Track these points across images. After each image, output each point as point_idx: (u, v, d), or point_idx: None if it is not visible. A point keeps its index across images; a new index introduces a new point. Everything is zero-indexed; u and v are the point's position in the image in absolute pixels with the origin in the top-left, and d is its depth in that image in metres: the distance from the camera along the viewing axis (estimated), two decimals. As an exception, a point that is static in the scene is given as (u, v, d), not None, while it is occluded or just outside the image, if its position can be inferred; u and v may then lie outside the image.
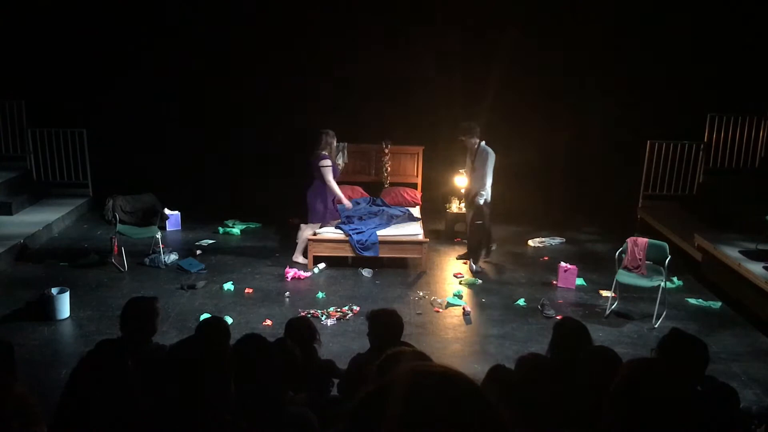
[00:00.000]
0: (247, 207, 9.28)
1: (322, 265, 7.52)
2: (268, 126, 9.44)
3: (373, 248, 7.43)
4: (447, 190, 9.17)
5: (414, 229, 7.82)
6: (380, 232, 7.60)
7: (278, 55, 9.33)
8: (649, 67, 9.22)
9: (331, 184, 7.54)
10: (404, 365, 1.22)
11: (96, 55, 9.28)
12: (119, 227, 7.61)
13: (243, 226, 8.90)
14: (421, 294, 6.92)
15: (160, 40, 9.30)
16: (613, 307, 6.57)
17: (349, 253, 7.51)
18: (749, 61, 9.00)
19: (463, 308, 6.59)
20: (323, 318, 6.18)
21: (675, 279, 7.29)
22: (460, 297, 6.85)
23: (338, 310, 6.38)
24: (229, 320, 5.87)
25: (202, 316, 5.78)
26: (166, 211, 8.72)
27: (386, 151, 9.28)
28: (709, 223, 8.00)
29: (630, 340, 6.03)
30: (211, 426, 2.08)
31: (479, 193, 7.53)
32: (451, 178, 8.83)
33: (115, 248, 7.37)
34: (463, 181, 8.23)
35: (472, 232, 7.76)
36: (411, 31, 9.22)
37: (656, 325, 6.26)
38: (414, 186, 9.36)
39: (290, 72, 9.35)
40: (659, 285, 6.29)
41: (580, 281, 7.27)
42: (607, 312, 6.52)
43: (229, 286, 6.90)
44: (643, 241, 6.52)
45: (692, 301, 6.92)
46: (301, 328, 4.13)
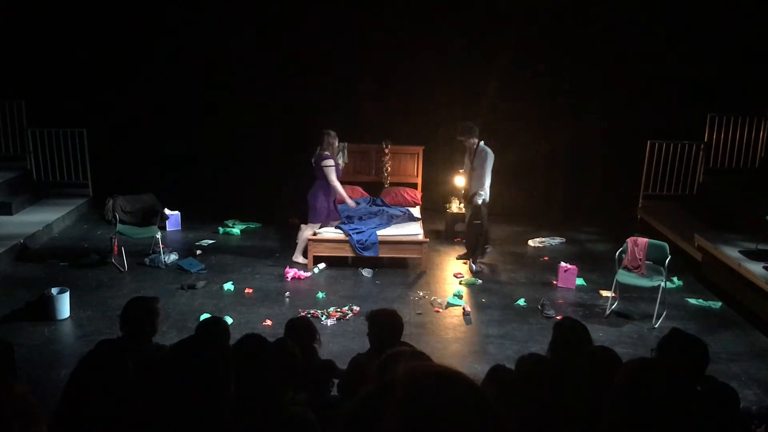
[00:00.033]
0: (247, 207, 9.29)
1: (322, 265, 7.52)
2: (268, 126, 9.44)
3: (373, 248, 7.43)
4: (447, 190, 9.18)
5: (414, 229, 7.82)
6: (380, 232, 7.61)
7: (278, 55, 9.33)
8: (649, 67, 9.22)
9: (335, 183, 7.55)
10: (404, 365, 1.22)
11: (96, 55, 9.27)
12: (119, 227, 7.61)
13: (243, 226, 8.90)
14: (421, 294, 6.92)
15: (160, 39, 9.30)
16: (613, 307, 6.57)
17: (349, 253, 7.51)
18: (749, 61, 9.00)
19: (463, 308, 6.59)
20: (323, 318, 6.18)
21: (675, 279, 7.29)
22: (460, 297, 6.85)
23: (338, 310, 6.38)
24: (229, 320, 5.87)
25: (202, 316, 5.78)
26: (166, 211, 8.72)
27: (386, 151, 9.28)
28: (709, 223, 8.00)
29: (630, 340, 6.03)
30: (211, 426, 2.08)
31: (477, 192, 7.53)
32: (451, 178, 8.84)
33: (115, 248, 7.37)
34: (462, 181, 8.24)
35: (470, 231, 7.77)
36: (411, 31, 9.21)
37: (656, 325, 6.26)
38: (414, 186, 9.36)
39: (290, 72, 9.35)
40: (659, 285, 6.29)
41: (580, 281, 7.28)
42: (607, 312, 6.52)
43: (229, 286, 6.90)
44: (643, 241, 6.52)
45: (692, 301, 6.92)
46: (301, 328, 4.13)
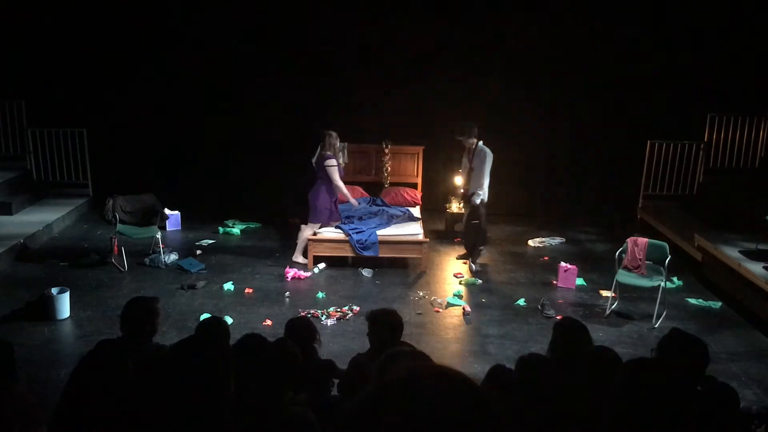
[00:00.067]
0: (247, 207, 9.29)
1: (322, 265, 7.52)
2: (268, 126, 9.44)
3: (373, 248, 7.43)
4: (447, 190, 9.18)
5: (414, 229, 7.82)
6: (380, 231, 7.61)
7: (278, 55, 9.33)
8: (649, 67, 9.22)
9: (339, 183, 7.57)
10: (404, 365, 1.22)
11: (96, 55, 9.27)
12: (119, 227, 7.61)
13: (243, 226, 8.90)
14: (421, 294, 6.92)
15: (160, 39, 9.30)
16: (613, 307, 6.57)
17: (349, 253, 7.51)
18: (749, 61, 9.00)
19: (463, 308, 6.59)
20: (323, 318, 6.18)
21: (675, 279, 7.29)
22: (460, 297, 6.85)
23: (338, 310, 6.38)
24: (229, 320, 5.88)
25: (202, 316, 5.78)
26: (166, 211, 8.72)
27: (386, 151, 9.28)
28: (709, 223, 8.00)
29: (630, 340, 6.03)
30: (211, 426, 2.08)
31: (476, 192, 7.53)
32: (451, 178, 8.83)
33: (115, 248, 7.37)
34: (460, 180, 8.22)
35: (469, 231, 7.76)
36: (411, 31, 9.21)
37: (656, 325, 6.26)
38: (414, 186, 9.36)
39: (290, 72, 9.35)
40: (659, 285, 6.29)
41: (580, 281, 7.28)
42: (607, 312, 6.52)
43: (229, 286, 6.90)
44: (643, 241, 6.52)
45: (692, 301, 6.92)
46: (301, 328, 4.13)
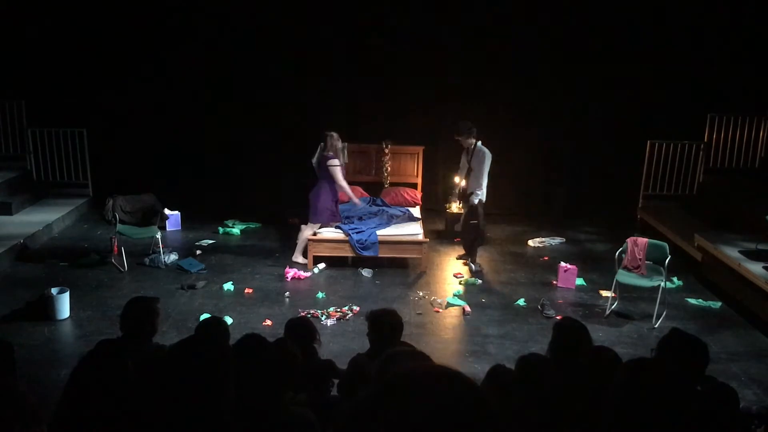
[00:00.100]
0: (247, 207, 9.29)
1: (322, 265, 7.52)
2: (268, 126, 9.44)
3: (373, 248, 7.43)
4: (447, 190, 9.17)
5: (414, 229, 7.82)
6: (380, 231, 7.61)
7: (278, 55, 9.33)
8: (649, 67, 9.22)
9: (342, 183, 7.59)
10: (404, 365, 1.22)
11: (96, 55, 9.27)
12: (119, 227, 7.61)
13: (243, 226, 8.90)
14: (421, 294, 6.92)
15: (160, 39, 9.30)
16: (613, 307, 6.57)
17: (349, 253, 7.51)
18: (749, 61, 9.00)
19: (463, 308, 6.59)
20: (323, 318, 6.18)
21: (675, 279, 7.29)
22: (460, 297, 6.85)
23: (338, 310, 6.37)
24: (229, 320, 5.88)
25: (202, 316, 5.78)
26: (166, 211, 8.72)
27: (386, 151, 9.28)
28: (709, 223, 8.00)
29: (630, 340, 6.03)
30: (211, 426, 2.08)
31: (474, 192, 7.52)
32: (451, 178, 8.82)
33: (115, 248, 7.37)
34: (461, 180, 8.19)
35: (467, 231, 7.75)
36: (411, 31, 9.21)
37: (656, 325, 6.26)
38: (414, 186, 9.36)
39: (290, 72, 9.34)
40: (659, 285, 6.29)
41: (580, 281, 7.28)
42: (607, 312, 6.52)
43: (229, 286, 6.90)
44: (643, 241, 6.51)
45: (692, 301, 6.92)
46: (301, 328, 4.12)
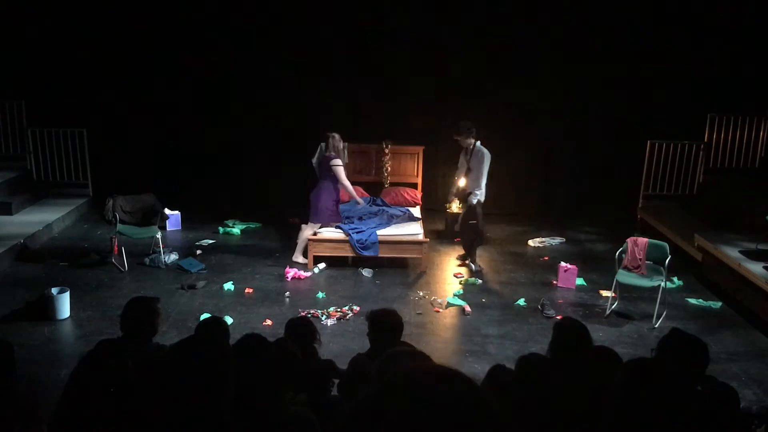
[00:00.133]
0: (247, 207, 9.29)
1: (322, 265, 7.52)
2: (268, 126, 9.44)
3: (373, 248, 7.43)
4: (447, 190, 9.15)
5: (414, 229, 7.82)
6: (380, 231, 7.61)
7: (278, 55, 9.33)
8: (649, 67, 9.21)
9: (346, 182, 7.63)
10: (404, 365, 1.22)
11: (96, 55, 9.27)
12: (119, 227, 7.61)
13: (243, 226, 8.90)
14: (421, 294, 6.92)
15: (160, 39, 9.29)
16: (613, 307, 6.57)
17: (349, 253, 7.51)
18: (749, 61, 9.00)
19: (463, 308, 6.59)
20: (323, 318, 6.18)
21: (675, 279, 7.29)
22: (460, 297, 6.85)
23: (338, 310, 6.37)
24: (229, 320, 5.88)
25: (202, 316, 5.78)
26: (166, 211, 8.71)
27: (386, 151, 9.28)
28: (709, 223, 8.00)
29: (630, 340, 6.03)
30: (211, 426, 2.08)
31: (473, 192, 7.51)
32: (452, 178, 8.81)
33: (115, 248, 7.37)
34: (459, 180, 8.17)
35: (466, 231, 7.74)
36: (411, 31, 9.21)
37: (656, 325, 6.26)
38: (414, 186, 9.36)
39: (290, 72, 9.34)
40: (659, 285, 6.29)
41: (580, 281, 7.28)
42: (607, 312, 6.52)
43: (229, 286, 6.90)
44: (643, 241, 6.51)
45: (692, 301, 6.92)
46: (301, 328, 4.12)
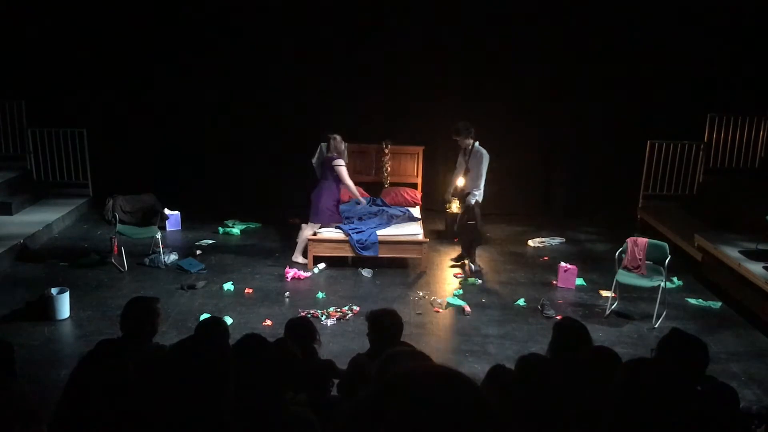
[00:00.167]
0: (247, 207, 9.29)
1: (322, 265, 7.52)
2: (268, 126, 9.44)
3: (373, 248, 7.42)
4: (446, 189, 9.15)
5: (414, 229, 7.82)
6: (380, 231, 7.61)
7: (279, 55, 9.33)
8: (649, 67, 9.21)
9: (349, 182, 7.64)
10: (404, 365, 1.22)
11: (96, 55, 9.27)
12: (119, 227, 7.61)
13: (243, 226, 8.90)
14: (421, 294, 6.92)
15: (160, 39, 9.29)
16: (613, 307, 6.57)
17: (349, 253, 7.51)
18: (749, 61, 9.00)
19: (463, 308, 6.59)
20: (323, 318, 6.18)
21: (675, 279, 7.29)
22: (460, 297, 6.85)
23: (338, 310, 6.37)
24: (229, 320, 5.88)
25: (202, 316, 5.78)
26: (166, 211, 8.71)
27: (386, 151, 9.27)
28: (709, 223, 8.00)
29: (630, 340, 6.03)
30: (211, 426, 2.08)
31: (471, 192, 7.51)
32: (451, 178, 8.80)
33: (115, 248, 7.37)
34: (459, 180, 8.14)
35: (465, 232, 7.73)
36: (411, 31, 9.21)
37: (656, 325, 6.26)
38: (414, 186, 9.35)
39: (290, 72, 9.34)
40: (659, 285, 6.29)
41: (580, 281, 7.27)
42: (607, 312, 6.52)
43: (229, 286, 6.90)
44: (643, 241, 6.51)
45: (692, 301, 6.92)
46: (301, 328, 4.12)
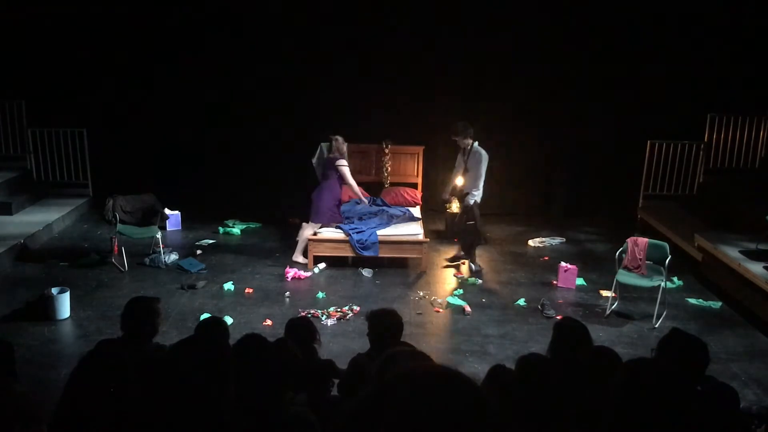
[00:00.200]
0: (247, 207, 9.29)
1: (322, 265, 7.52)
2: (268, 126, 9.44)
3: (373, 248, 7.43)
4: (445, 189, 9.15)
5: (414, 229, 7.82)
6: (380, 231, 7.61)
7: (278, 55, 9.33)
8: (649, 67, 9.21)
9: (352, 182, 7.69)
10: (404, 365, 1.22)
11: (96, 55, 9.27)
12: (119, 227, 7.61)
13: (243, 226, 8.90)
14: (421, 294, 6.92)
15: (160, 40, 9.30)
16: (613, 307, 6.57)
17: (349, 253, 7.51)
18: (749, 61, 9.00)
19: (463, 308, 6.60)
20: (323, 318, 6.18)
21: (675, 279, 7.29)
22: (460, 297, 6.85)
23: (338, 310, 6.38)
24: (229, 320, 5.88)
25: (202, 316, 5.78)
26: (166, 211, 8.72)
27: (386, 151, 9.28)
28: (709, 223, 8.00)
29: (630, 340, 6.03)
30: (211, 426, 2.08)
31: (470, 193, 7.50)
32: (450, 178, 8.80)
33: (115, 248, 7.37)
34: (458, 180, 8.13)
35: (465, 232, 7.72)
36: (411, 31, 9.21)
37: (656, 325, 6.26)
38: (414, 186, 9.35)
39: (290, 72, 9.35)
40: (659, 285, 6.29)
41: (580, 281, 7.28)
42: (607, 312, 6.52)
43: (229, 286, 6.90)
44: (643, 241, 6.51)
45: (692, 301, 6.92)
46: (301, 328, 4.12)
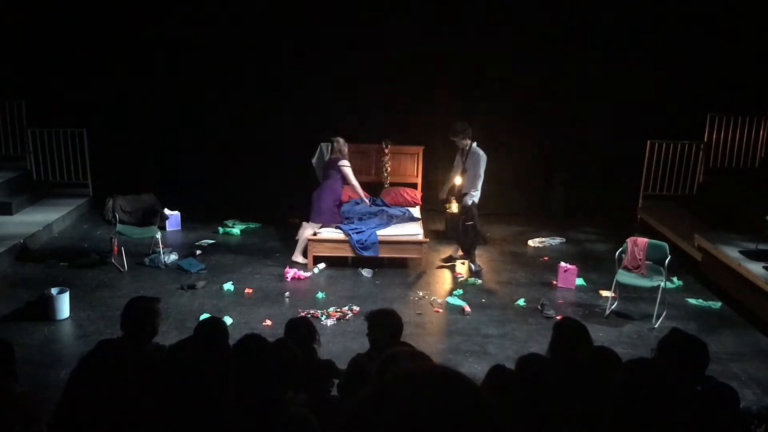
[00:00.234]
0: (247, 207, 9.29)
1: (322, 265, 7.52)
2: (268, 126, 9.44)
3: (373, 248, 7.42)
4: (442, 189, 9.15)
5: (414, 229, 7.82)
6: (380, 232, 7.60)
7: (278, 55, 9.33)
8: (649, 67, 9.21)
9: (354, 182, 7.72)
10: (404, 366, 1.22)
11: (96, 55, 9.27)
12: (119, 227, 7.61)
13: (243, 226, 8.90)
14: (421, 294, 6.92)
15: (160, 40, 9.29)
16: (613, 307, 6.57)
17: (349, 253, 7.51)
18: (749, 61, 9.00)
19: (463, 308, 6.60)
20: (323, 318, 6.18)
21: (675, 279, 7.29)
22: (460, 297, 6.85)
23: (338, 310, 6.38)
24: (229, 320, 5.88)
25: (202, 316, 5.78)
26: (166, 211, 8.71)
27: (386, 151, 9.27)
28: (709, 223, 8.00)
29: (630, 340, 6.03)
30: (211, 426, 2.08)
31: (469, 193, 7.50)
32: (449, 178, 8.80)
33: (115, 248, 7.37)
34: (456, 180, 8.12)
35: (465, 232, 7.72)
36: (411, 31, 9.21)
37: (656, 325, 6.26)
38: (414, 186, 9.35)
39: (290, 72, 9.35)
40: (659, 285, 6.29)
41: (580, 281, 7.27)
42: (607, 312, 6.52)
43: (229, 286, 6.90)
44: (643, 241, 6.51)
45: (692, 301, 6.92)
46: (301, 328, 4.13)
